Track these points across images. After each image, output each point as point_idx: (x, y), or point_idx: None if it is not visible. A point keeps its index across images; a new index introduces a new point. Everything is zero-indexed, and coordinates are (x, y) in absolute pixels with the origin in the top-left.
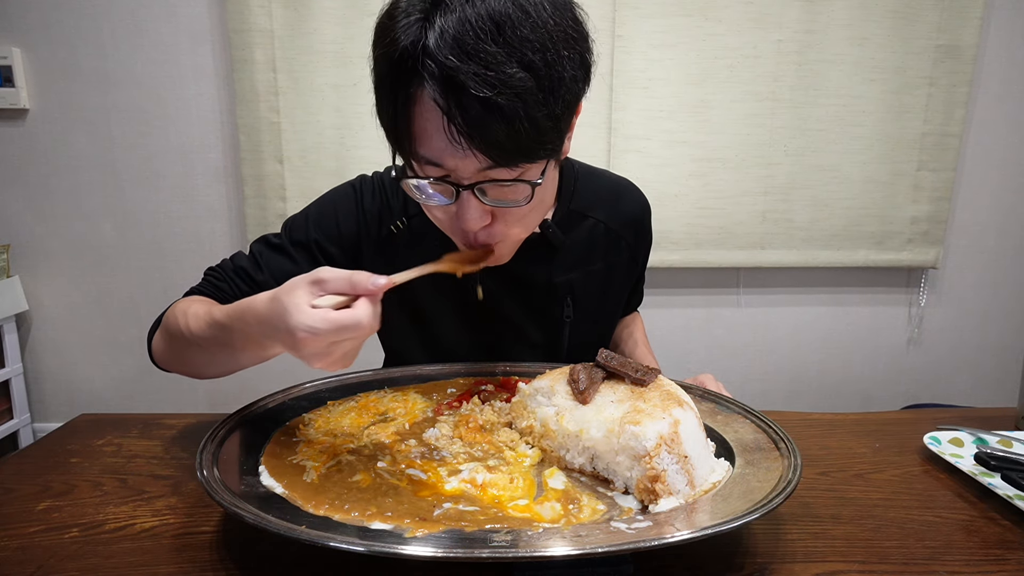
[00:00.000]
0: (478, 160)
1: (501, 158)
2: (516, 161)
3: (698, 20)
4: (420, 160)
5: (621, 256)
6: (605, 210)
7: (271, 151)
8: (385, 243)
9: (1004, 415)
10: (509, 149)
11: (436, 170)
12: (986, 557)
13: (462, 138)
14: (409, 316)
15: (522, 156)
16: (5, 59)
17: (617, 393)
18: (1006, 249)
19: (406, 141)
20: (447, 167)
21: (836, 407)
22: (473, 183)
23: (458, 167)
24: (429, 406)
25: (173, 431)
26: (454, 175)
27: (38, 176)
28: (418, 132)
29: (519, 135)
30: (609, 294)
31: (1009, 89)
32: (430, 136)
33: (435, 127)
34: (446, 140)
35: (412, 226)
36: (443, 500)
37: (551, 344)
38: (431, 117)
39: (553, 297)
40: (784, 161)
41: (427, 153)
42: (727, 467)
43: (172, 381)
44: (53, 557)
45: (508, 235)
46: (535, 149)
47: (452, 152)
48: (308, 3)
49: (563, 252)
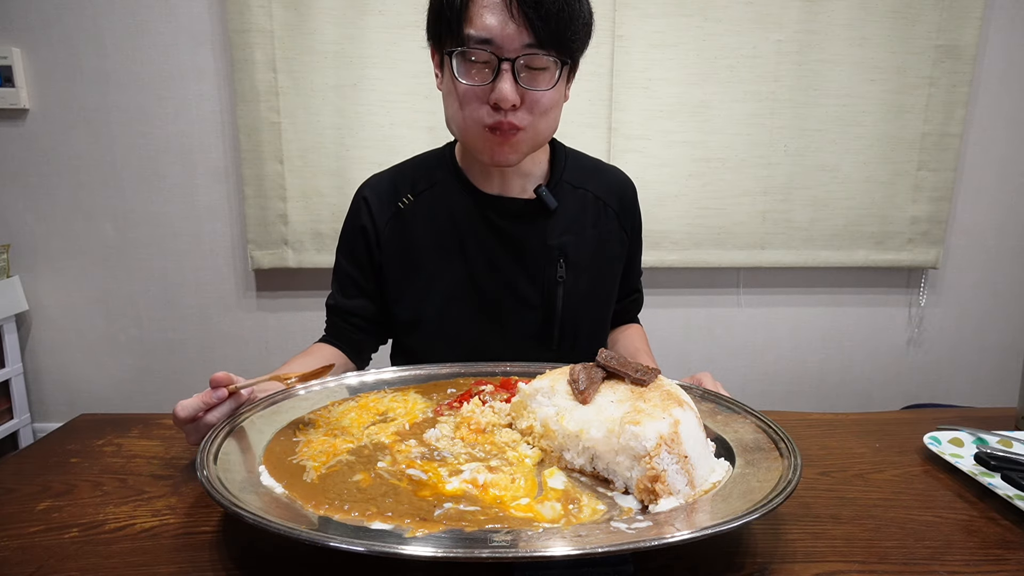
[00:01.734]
0: (524, 35)
1: (545, 34)
2: (553, 44)
3: (698, 20)
4: (469, 40)
5: (610, 224)
6: (592, 183)
7: (271, 151)
8: (396, 218)
9: (1004, 415)
10: (552, 29)
11: (483, 47)
12: (986, 557)
13: (520, 11)
14: (415, 282)
15: (557, 41)
16: (5, 59)
17: (617, 393)
18: (1006, 249)
19: (460, 23)
20: (496, 42)
21: (836, 407)
22: (515, 56)
23: (505, 42)
24: (429, 406)
25: (173, 431)
26: (499, 52)
27: (38, 176)
28: (473, 14)
29: (563, 18)
30: (601, 259)
31: (1009, 89)
32: (485, 16)
33: (493, 6)
34: (505, 14)
35: (418, 202)
36: (444, 500)
37: (547, 305)
38: (490, 1)
39: (548, 258)
40: (784, 161)
41: (479, 31)
42: (727, 467)
43: (172, 381)
44: (53, 557)
45: (529, 125)
46: (568, 39)
47: (504, 26)
48: (308, 3)
49: (556, 217)
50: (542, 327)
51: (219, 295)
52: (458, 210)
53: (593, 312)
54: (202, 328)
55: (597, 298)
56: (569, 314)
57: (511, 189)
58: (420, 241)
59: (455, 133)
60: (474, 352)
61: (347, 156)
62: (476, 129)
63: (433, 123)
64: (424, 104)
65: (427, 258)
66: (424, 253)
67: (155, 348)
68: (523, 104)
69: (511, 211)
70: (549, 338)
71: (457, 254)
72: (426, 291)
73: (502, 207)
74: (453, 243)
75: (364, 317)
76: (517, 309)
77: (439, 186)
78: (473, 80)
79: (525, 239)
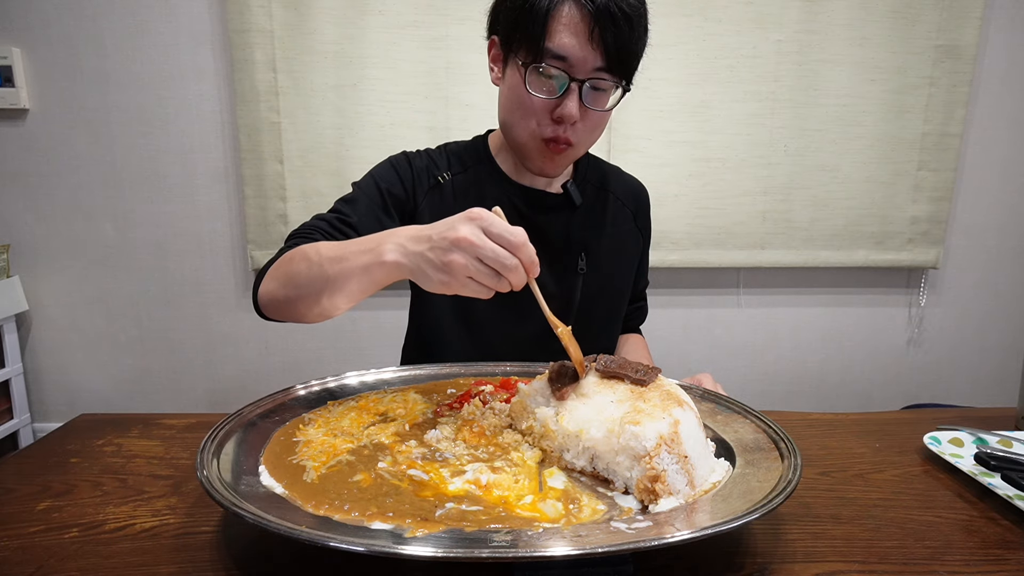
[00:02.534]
0: (598, 58)
1: (615, 61)
2: (620, 70)
3: (698, 20)
4: (546, 54)
5: (628, 224)
6: (612, 184)
7: (271, 151)
8: (434, 190)
9: (1004, 415)
10: (622, 56)
11: (558, 64)
12: (986, 557)
13: (600, 38)
14: None
15: (624, 67)
16: (5, 59)
17: (617, 393)
18: (1006, 249)
19: (541, 37)
20: (571, 61)
21: (836, 407)
22: (585, 78)
23: (579, 63)
24: (429, 407)
25: (173, 431)
26: (571, 71)
27: (38, 176)
28: (554, 31)
29: (633, 48)
30: (618, 256)
31: (1009, 89)
32: (563, 35)
33: (575, 28)
34: (584, 38)
35: (455, 182)
36: (446, 500)
37: (566, 294)
38: (572, 21)
39: (570, 251)
40: (784, 161)
41: (557, 48)
42: (727, 467)
43: (172, 381)
44: (53, 557)
45: (580, 140)
46: (633, 66)
47: (581, 49)
48: (308, 3)
49: (580, 212)
50: (557, 316)
51: (219, 295)
52: (489, 196)
53: (607, 305)
54: (202, 328)
55: (612, 293)
56: (585, 305)
57: (540, 183)
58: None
59: (507, 133)
60: (487, 336)
61: (347, 156)
62: (533, 139)
63: (433, 123)
64: (424, 104)
65: None
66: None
67: (155, 348)
68: (582, 120)
69: (541, 203)
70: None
71: None
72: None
73: (532, 198)
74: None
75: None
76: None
77: (472, 171)
78: (542, 93)
79: (550, 231)
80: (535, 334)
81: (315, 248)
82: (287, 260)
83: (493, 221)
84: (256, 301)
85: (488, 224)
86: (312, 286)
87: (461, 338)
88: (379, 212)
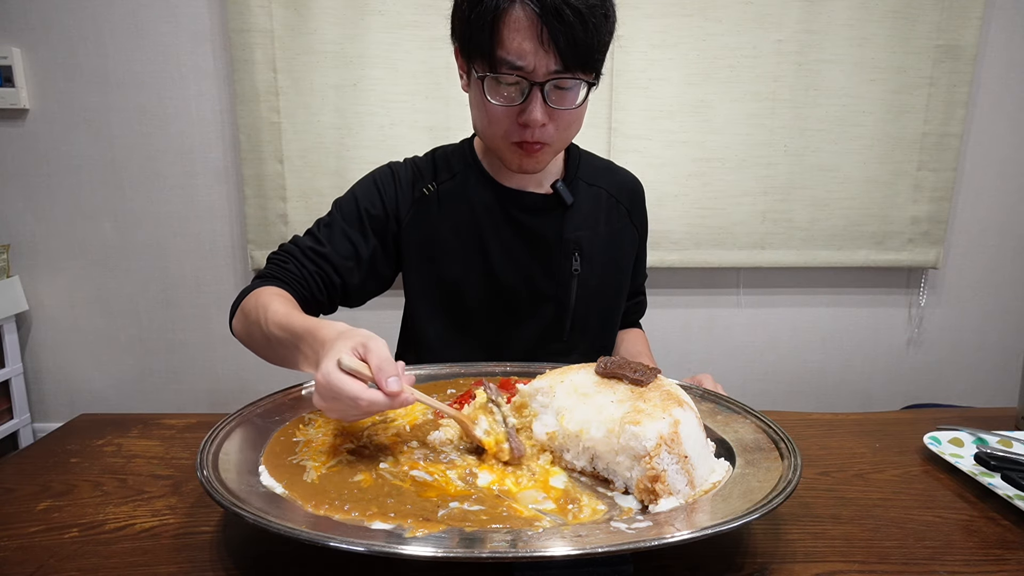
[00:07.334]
0: (553, 61)
1: (572, 60)
2: (579, 67)
3: (698, 20)
4: (500, 64)
5: (622, 220)
6: (605, 181)
7: (271, 151)
8: (419, 203)
9: (1004, 415)
10: (579, 54)
11: (513, 72)
12: (986, 557)
13: (550, 39)
14: (432, 269)
15: (583, 64)
16: (5, 59)
17: (617, 393)
18: (1006, 249)
19: (491, 48)
20: (526, 68)
21: (836, 407)
22: (544, 81)
23: (535, 67)
24: (429, 408)
25: (173, 431)
26: (529, 76)
27: (38, 176)
28: (505, 38)
29: (589, 43)
30: (614, 254)
31: (1009, 89)
32: (514, 40)
33: (524, 32)
34: (535, 42)
35: (440, 191)
36: (449, 500)
37: (561, 296)
38: (520, 26)
39: (563, 251)
40: (784, 161)
41: (510, 56)
42: (727, 467)
43: (172, 381)
44: (53, 557)
45: (554, 139)
46: (594, 60)
47: (534, 53)
48: (308, 3)
49: (572, 212)
50: (555, 318)
51: (219, 295)
52: (477, 202)
53: (604, 305)
54: (202, 328)
55: (609, 292)
56: (581, 306)
57: (529, 184)
58: (441, 229)
59: (482, 139)
60: (485, 341)
61: (347, 156)
62: (505, 143)
63: (433, 123)
64: (424, 104)
65: (446, 247)
66: (443, 242)
67: (155, 348)
68: (550, 121)
69: (529, 205)
70: (560, 329)
71: (475, 245)
72: (443, 278)
73: (521, 201)
74: (472, 234)
75: (339, 272)
76: (532, 300)
77: (459, 178)
78: (502, 100)
79: (542, 232)
80: (535, 334)
81: (265, 310)
82: (250, 307)
83: (372, 351)
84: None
85: (363, 357)
86: (262, 348)
87: (452, 345)
88: (355, 235)
